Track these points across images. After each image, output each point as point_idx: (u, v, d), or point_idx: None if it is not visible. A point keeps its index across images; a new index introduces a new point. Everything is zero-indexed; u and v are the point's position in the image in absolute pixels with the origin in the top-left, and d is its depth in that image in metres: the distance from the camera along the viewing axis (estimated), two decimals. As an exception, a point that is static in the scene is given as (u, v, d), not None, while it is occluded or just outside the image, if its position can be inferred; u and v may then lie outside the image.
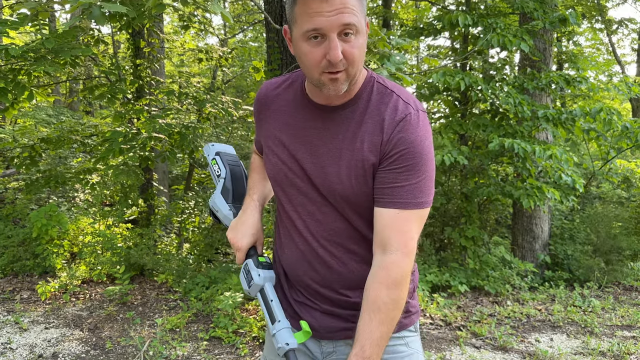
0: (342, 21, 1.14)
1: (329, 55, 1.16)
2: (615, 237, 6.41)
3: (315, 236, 1.35)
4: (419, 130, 1.25)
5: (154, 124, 4.73)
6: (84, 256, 5.69)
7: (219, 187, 1.61)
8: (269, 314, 1.35)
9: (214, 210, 1.61)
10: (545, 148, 4.97)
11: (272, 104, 1.43)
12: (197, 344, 4.04)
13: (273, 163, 1.39)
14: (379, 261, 1.24)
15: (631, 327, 4.56)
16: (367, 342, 1.20)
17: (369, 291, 1.23)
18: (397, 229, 1.24)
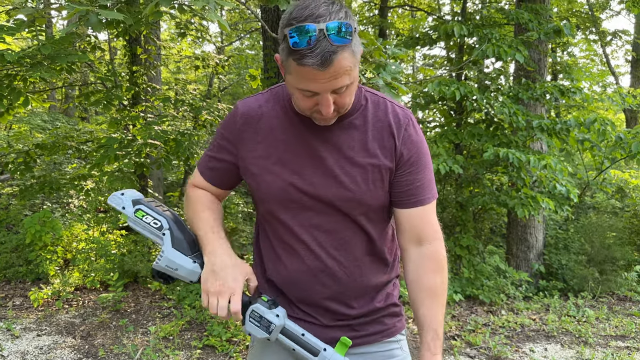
0: (336, 86, 1.17)
1: (321, 109, 1.21)
2: (609, 247, 6.43)
3: (324, 248, 1.34)
4: (418, 130, 1.38)
5: (150, 131, 4.73)
6: (78, 263, 5.66)
7: (167, 241, 1.34)
8: (307, 349, 1.28)
9: (170, 270, 1.34)
10: (540, 158, 4.99)
11: (258, 121, 1.36)
12: (190, 352, 4.01)
13: (270, 182, 1.33)
14: (421, 253, 1.37)
15: (625, 338, 4.57)
16: (438, 326, 1.33)
17: (423, 280, 1.35)
18: (427, 222, 1.38)
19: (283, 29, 1.15)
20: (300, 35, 1.10)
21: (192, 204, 1.46)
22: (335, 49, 1.11)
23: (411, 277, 1.38)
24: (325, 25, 1.10)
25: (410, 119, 1.37)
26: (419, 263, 1.37)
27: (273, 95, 1.39)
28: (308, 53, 1.10)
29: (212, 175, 1.45)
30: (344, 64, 1.13)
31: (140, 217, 1.36)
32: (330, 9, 1.13)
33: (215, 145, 1.43)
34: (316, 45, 1.10)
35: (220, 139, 1.41)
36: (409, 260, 1.39)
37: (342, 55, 1.12)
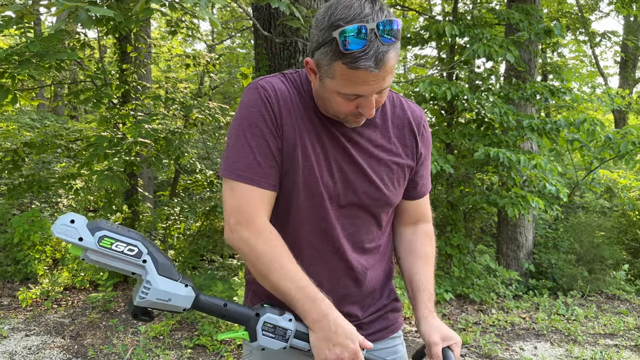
0: (383, 86, 1.14)
1: (363, 112, 1.18)
2: (598, 247, 6.49)
3: (348, 248, 1.31)
4: (428, 126, 1.40)
5: (140, 129, 4.69)
6: (67, 262, 5.61)
7: (151, 270, 1.10)
8: None
9: (161, 303, 1.11)
10: (530, 158, 5.02)
11: (287, 105, 1.23)
12: (181, 352, 3.99)
13: (307, 173, 1.23)
14: (417, 230, 1.45)
15: (613, 336, 4.60)
16: (430, 286, 1.39)
17: (419, 250, 1.43)
18: (426, 207, 1.47)
19: (326, 31, 1.08)
20: (353, 36, 1.04)
21: (266, 255, 1.17)
22: (387, 48, 1.07)
23: (406, 249, 1.45)
24: (375, 25, 1.05)
25: (423, 116, 1.39)
26: (415, 237, 1.45)
27: (293, 83, 1.27)
28: (362, 55, 1.05)
29: (272, 179, 1.21)
30: (393, 63, 1.10)
31: (107, 246, 1.07)
32: (374, 7, 1.08)
33: (253, 139, 1.19)
34: (369, 46, 1.05)
35: (258, 126, 1.19)
36: (404, 237, 1.46)
37: (392, 54, 1.09)
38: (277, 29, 4.02)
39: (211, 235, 6.13)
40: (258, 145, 1.19)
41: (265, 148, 1.19)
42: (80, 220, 1.07)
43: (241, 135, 1.20)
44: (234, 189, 1.20)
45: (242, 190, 1.19)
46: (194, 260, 5.95)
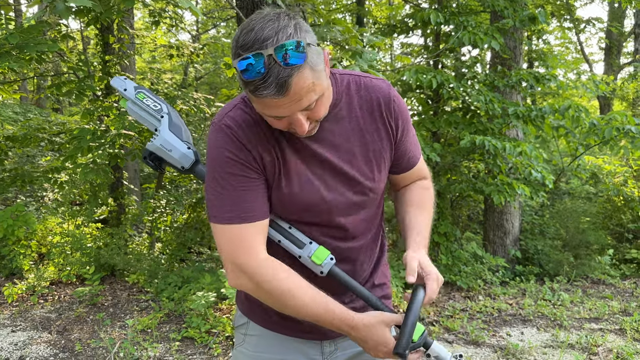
0: (303, 106, 1.09)
1: (295, 129, 1.14)
2: (584, 232, 6.56)
3: (345, 244, 1.32)
4: (398, 96, 1.35)
5: (123, 121, 4.64)
6: (53, 257, 5.56)
7: (164, 123, 1.36)
8: (293, 242, 1.27)
9: (164, 151, 1.34)
10: (515, 145, 5.05)
11: (255, 133, 1.23)
12: (169, 344, 3.98)
13: (297, 194, 1.24)
14: (414, 184, 1.47)
15: (598, 320, 4.67)
16: (424, 229, 1.37)
17: (411, 196, 1.44)
18: (423, 168, 1.48)
19: (233, 60, 1.07)
20: (249, 66, 1.01)
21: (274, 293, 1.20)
22: (289, 72, 1.02)
23: (400, 201, 1.46)
24: (273, 50, 1.01)
25: (391, 88, 1.33)
26: (408, 190, 1.46)
27: (250, 106, 1.24)
28: (261, 84, 1.02)
29: (260, 209, 1.22)
30: (303, 84, 1.05)
31: (141, 98, 1.39)
32: (276, 27, 1.03)
33: (231, 178, 1.19)
34: (268, 73, 1.01)
35: (233, 164, 1.19)
36: (399, 194, 1.48)
37: (299, 76, 1.03)
38: (261, 18, 3.97)
39: (198, 227, 6.11)
40: (238, 183, 1.19)
41: (245, 183, 1.20)
42: (131, 82, 1.43)
43: (218, 178, 1.20)
44: (225, 232, 1.20)
45: (234, 231, 1.20)
46: (181, 252, 5.93)
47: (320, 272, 1.25)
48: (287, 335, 1.34)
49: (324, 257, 1.25)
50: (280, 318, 1.30)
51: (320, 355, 1.36)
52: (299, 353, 1.35)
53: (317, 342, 1.36)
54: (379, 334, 1.20)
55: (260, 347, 1.36)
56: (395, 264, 5.64)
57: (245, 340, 1.39)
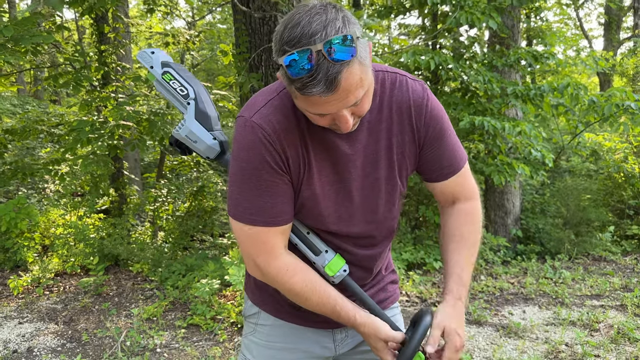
0: (350, 103, 1.04)
1: (339, 125, 1.10)
2: (585, 210, 6.57)
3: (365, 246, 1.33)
4: (435, 100, 1.29)
5: (121, 112, 4.63)
6: (56, 248, 5.59)
7: (190, 111, 1.32)
8: (310, 248, 1.26)
9: (190, 142, 1.32)
10: (515, 125, 5.03)
11: (287, 134, 1.17)
12: (174, 332, 4.02)
13: (323, 205, 1.23)
14: (454, 209, 1.37)
15: (600, 297, 4.70)
16: (462, 271, 1.31)
17: (451, 229, 1.35)
18: (461, 186, 1.36)
19: (277, 57, 1.02)
20: (297, 62, 0.96)
21: (292, 291, 1.23)
22: (339, 68, 0.97)
23: (443, 231, 1.38)
24: (322, 45, 0.96)
25: (427, 92, 1.27)
26: (450, 218, 1.37)
27: (283, 103, 1.18)
28: (309, 81, 0.97)
29: (286, 214, 1.20)
30: (353, 80, 1.00)
31: (167, 80, 1.32)
32: (324, 20, 0.98)
33: (260, 182, 1.16)
34: (317, 70, 0.96)
35: (264, 168, 1.15)
36: (443, 219, 1.40)
37: (349, 72, 0.99)
38: (256, 3, 3.94)
39: (200, 216, 6.13)
40: (266, 187, 1.16)
41: (274, 188, 1.16)
42: (158, 54, 1.33)
43: (245, 179, 1.16)
44: (246, 231, 1.20)
45: (256, 232, 1.19)
46: (184, 241, 5.96)
47: (332, 282, 1.26)
48: (299, 325, 1.36)
49: (337, 269, 1.24)
50: (293, 308, 1.32)
51: (332, 343, 1.38)
52: (312, 341, 1.37)
53: (328, 330, 1.37)
54: (371, 343, 1.26)
55: (272, 337, 1.37)
56: (396, 247, 5.67)
57: (256, 330, 1.40)
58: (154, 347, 3.75)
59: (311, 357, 1.38)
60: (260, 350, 1.38)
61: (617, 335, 3.76)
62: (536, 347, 3.66)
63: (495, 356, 3.49)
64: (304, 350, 1.37)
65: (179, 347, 3.76)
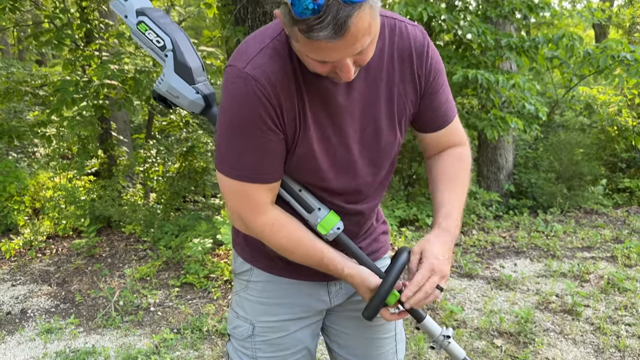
0: (356, 50, 0.95)
1: (340, 74, 1.01)
2: (577, 163, 6.57)
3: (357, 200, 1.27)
4: (433, 46, 1.22)
5: (106, 71, 4.50)
6: (47, 211, 5.55)
7: (169, 64, 1.22)
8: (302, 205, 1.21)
9: (171, 97, 1.24)
10: (509, 77, 4.95)
11: (282, 86, 1.08)
12: (168, 290, 4.04)
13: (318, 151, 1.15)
14: (447, 153, 1.34)
15: (590, 248, 4.74)
16: (453, 209, 1.27)
17: (442, 169, 1.32)
18: (452, 135, 1.33)
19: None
20: (304, 0, 0.86)
21: (279, 246, 1.21)
22: (349, 11, 0.87)
23: (432, 173, 1.35)
24: None
25: (427, 39, 1.19)
26: (440, 160, 1.34)
27: (276, 50, 1.08)
28: (316, 24, 0.87)
29: (275, 172, 1.15)
30: (362, 26, 0.91)
31: (142, 30, 1.22)
32: None
33: (251, 138, 1.08)
34: (326, 11, 0.86)
35: (256, 124, 1.07)
36: (432, 164, 1.36)
37: (359, 16, 0.89)
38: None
39: (191, 176, 6.08)
40: (257, 143, 1.09)
41: (264, 145, 1.09)
42: (133, 2, 1.23)
43: (236, 135, 1.09)
44: (233, 186, 1.14)
45: (242, 188, 1.13)
46: (176, 202, 5.93)
47: (325, 239, 1.23)
48: (293, 279, 1.33)
49: (330, 226, 1.20)
50: (285, 264, 1.29)
51: (327, 295, 1.36)
52: (307, 295, 1.34)
53: (323, 283, 1.35)
54: (361, 293, 1.25)
55: (266, 293, 1.34)
56: (389, 204, 5.67)
57: (249, 287, 1.36)
58: (148, 306, 3.76)
59: (307, 310, 1.36)
60: (254, 306, 1.35)
61: (607, 286, 3.80)
62: (527, 298, 3.70)
63: (487, 308, 3.53)
64: (299, 305, 1.35)
65: (173, 306, 3.78)
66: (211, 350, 3.10)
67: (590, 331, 3.18)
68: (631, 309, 3.45)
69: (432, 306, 3.59)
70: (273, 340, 1.34)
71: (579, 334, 3.14)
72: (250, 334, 1.35)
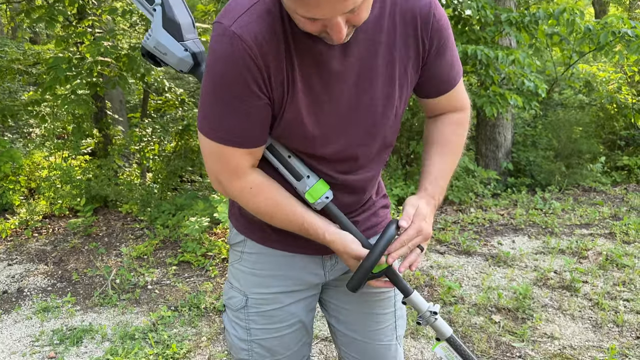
0: (348, 7, 0.90)
1: (331, 35, 0.95)
2: (576, 141, 6.53)
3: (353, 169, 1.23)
4: (440, 7, 1.16)
5: (99, 47, 4.42)
6: (43, 191, 5.51)
7: (157, 19, 1.17)
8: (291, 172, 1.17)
9: (159, 53, 1.20)
10: (508, 53, 4.89)
11: (270, 47, 1.02)
12: (165, 269, 4.02)
13: (307, 117, 1.10)
14: (445, 117, 1.29)
15: (589, 225, 4.74)
16: (441, 176, 1.25)
17: (441, 131, 1.28)
18: (458, 97, 1.28)
19: None
20: None
21: (259, 210, 1.18)
22: None
23: (426, 134, 1.32)
24: None
25: (432, 1, 1.13)
26: (436, 124, 1.30)
27: (265, 10, 1.02)
28: None
29: (259, 137, 1.10)
30: None
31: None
32: None
33: (235, 100, 1.04)
34: None
35: (240, 85, 1.02)
36: (427, 127, 1.33)
37: None
38: None
39: (188, 156, 6.04)
40: (240, 107, 1.04)
41: (248, 109, 1.04)
42: None
43: (219, 97, 1.04)
44: (213, 149, 1.10)
45: (223, 151, 1.09)
46: (173, 181, 5.90)
47: (313, 207, 1.19)
48: (287, 252, 1.30)
49: (318, 195, 1.16)
50: (279, 235, 1.26)
51: (321, 270, 1.33)
52: (300, 268, 1.31)
53: (317, 257, 1.31)
54: (344, 260, 1.21)
55: (259, 265, 1.31)
56: (387, 182, 5.64)
57: (242, 258, 1.34)
58: (145, 284, 3.75)
59: (300, 284, 1.33)
60: (247, 278, 1.33)
61: (605, 262, 3.80)
62: (525, 274, 3.69)
63: (484, 284, 3.53)
64: (292, 278, 1.32)
65: (170, 284, 3.77)
66: (209, 327, 3.09)
67: (589, 307, 3.18)
68: (629, 284, 3.45)
69: (430, 283, 3.59)
70: (266, 313, 1.32)
71: (577, 310, 3.14)
72: (244, 305, 1.33)
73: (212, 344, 2.91)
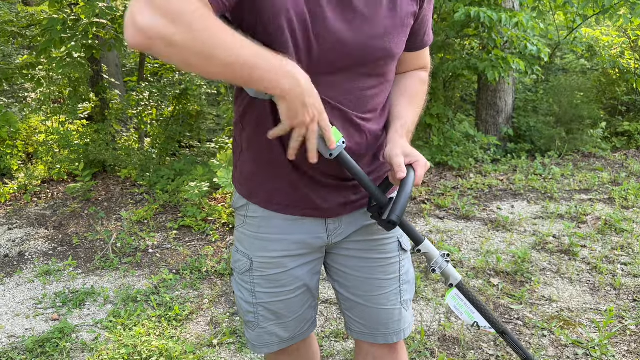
0: None
1: None
2: (577, 107, 6.48)
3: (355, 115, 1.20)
4: None
5: (94, 8, 4.32)
6: (41, 155, 5.48)
7: None
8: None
9: None
10: (512, 16, 4.79)
11: None
12: (166, 233, 4.04)
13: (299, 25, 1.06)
14: (413, 74, 1.37)
15: (588, 191, 4.74)
16: (410, 122, 1.29)
17: (408, 88, 1.34)
18: (425, 57, 1.39)
19: None
20: None
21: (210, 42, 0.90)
22: None
23: (394, 90, 1.33)
24: None
25: None
26: (405, 79, 1.36)
27: None
28: None
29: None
30: None
31: None
32: None
33: None
34: None
35: None
36: (398, 78, 1.35)
37: None
38: None
39: (186, 120, 5.98)
40: None
41: None
42: None
43: None
44: None
45: None
46: (171, 146, 5.86)
47: (329, 154, 1.14)
48: (289, 215, 1.29)
49: (337, 139, 1.12)
50: (282, 199, 1.25)
51: (325, 233, 1.32)
52: (303, 231, 1.30)
53: (321, 219, 1.30)
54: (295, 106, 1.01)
55: (262, 228, 1.31)
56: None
57: (246, 222, 1.34)
58: (146, 248, 3.77)
59: (303, 247, 1.32)
60: (251, 241, 1.33)
61: (604, 227, 3.82)
62: (524, 239, 3.72)
63: (483, 248, 3.55)
64: (296, 242, 1.31)
65: (171, 247, 3.78)
66: (210, 290, 3.12)
67: (587, 270, 3.21)
68: (627, 249, 3.47)
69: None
70: (270, 277, 1.32)
71: (575, 273, 3.17)
72: (249, 269, 1.34)
73: (214, 306, 2.94)
